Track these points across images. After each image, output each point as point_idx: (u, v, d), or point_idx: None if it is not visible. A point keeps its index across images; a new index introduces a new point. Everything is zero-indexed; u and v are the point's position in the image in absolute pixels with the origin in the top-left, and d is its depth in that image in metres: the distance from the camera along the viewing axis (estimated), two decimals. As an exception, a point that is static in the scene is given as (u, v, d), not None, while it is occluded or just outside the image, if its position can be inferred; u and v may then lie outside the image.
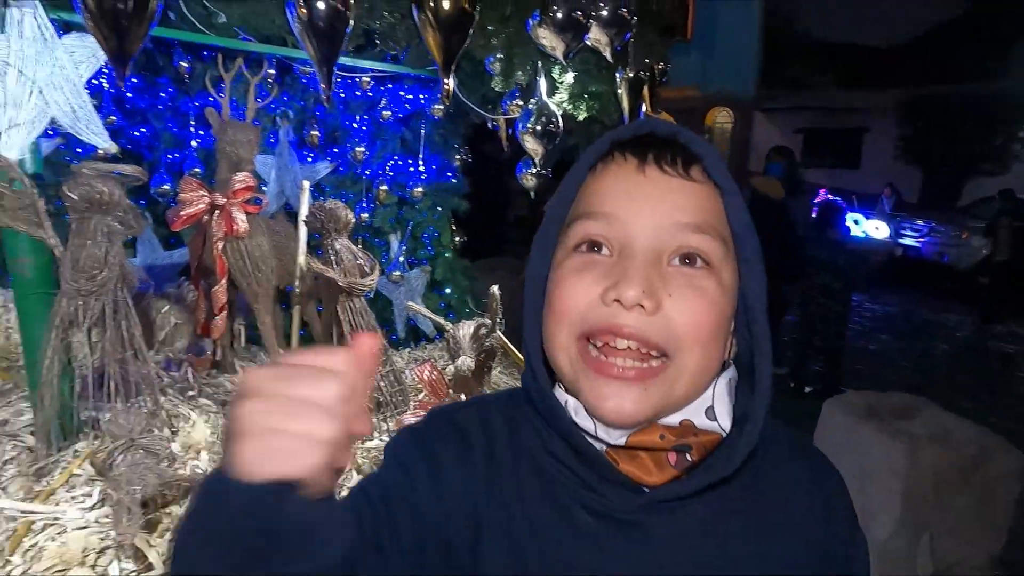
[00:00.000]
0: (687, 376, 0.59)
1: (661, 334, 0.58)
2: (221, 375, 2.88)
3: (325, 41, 1.00)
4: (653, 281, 0.58)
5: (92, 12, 0.80)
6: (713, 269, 0.60)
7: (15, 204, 2.00)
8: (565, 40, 1.30)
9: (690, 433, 0.61)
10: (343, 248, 2.26)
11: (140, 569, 1.43)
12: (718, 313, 0.60)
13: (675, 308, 0.58)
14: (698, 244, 0.59)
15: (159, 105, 3.56)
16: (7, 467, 2.07)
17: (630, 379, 0.58)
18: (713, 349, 0.60)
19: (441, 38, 1.08)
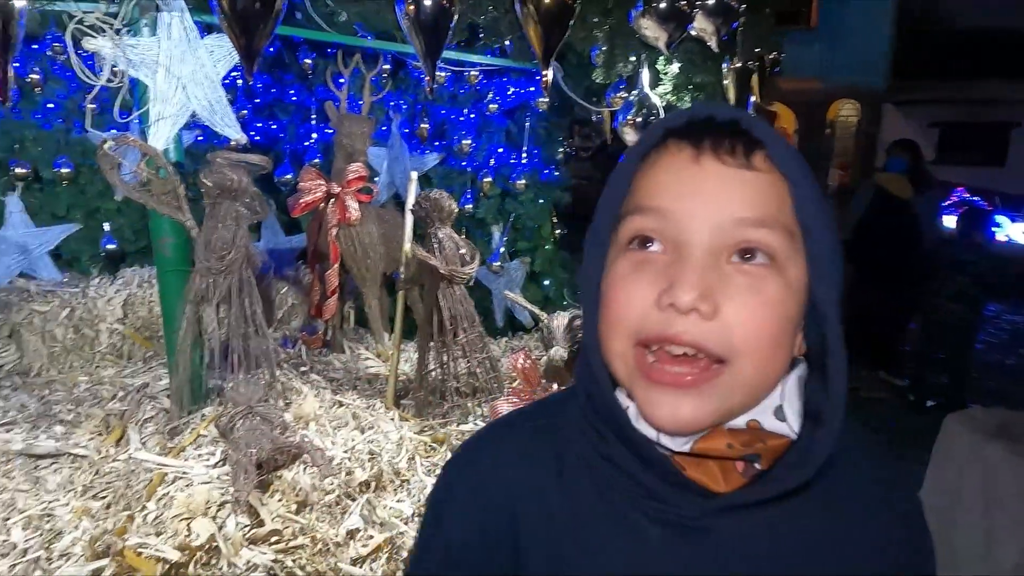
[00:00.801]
0: (748, 381, 0.56)
1: (719, 341, 0.54)
2: (331, 354, 3.07)
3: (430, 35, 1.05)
4: (710, 283, 0.54)
5: (226, 13, 0.89)
6: (777, 266, 0.54)
7: (160, 189, 2.23)
8: (668, 30, 1.28)
9: (758, 439, 0.57)
10: (446, 237, 2.34)
11: (253, 524, 1.57)
12: (781, 315, 0.55)
13: (734, 311, 0.53)
14: (760, 239, 0.54)
15: (285, 100, 3.82)
16: (147, 425, 2.31)
17: (686, 385, 0.55)
18: (777, 352, 0.56)
19: (542, 30, 1.10)
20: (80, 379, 2.78)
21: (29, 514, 1.76)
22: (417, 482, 1.91)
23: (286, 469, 1.73)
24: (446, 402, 2.43)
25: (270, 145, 3.80)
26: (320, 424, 2.14)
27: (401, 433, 2.13)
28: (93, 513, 1.75)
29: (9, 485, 1.89)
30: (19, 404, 2.47)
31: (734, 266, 0.54)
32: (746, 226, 0.54)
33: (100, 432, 2.26)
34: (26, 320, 2.84)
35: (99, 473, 1.96)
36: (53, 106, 3.34)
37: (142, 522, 1.57)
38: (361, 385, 2.67)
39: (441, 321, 2.37)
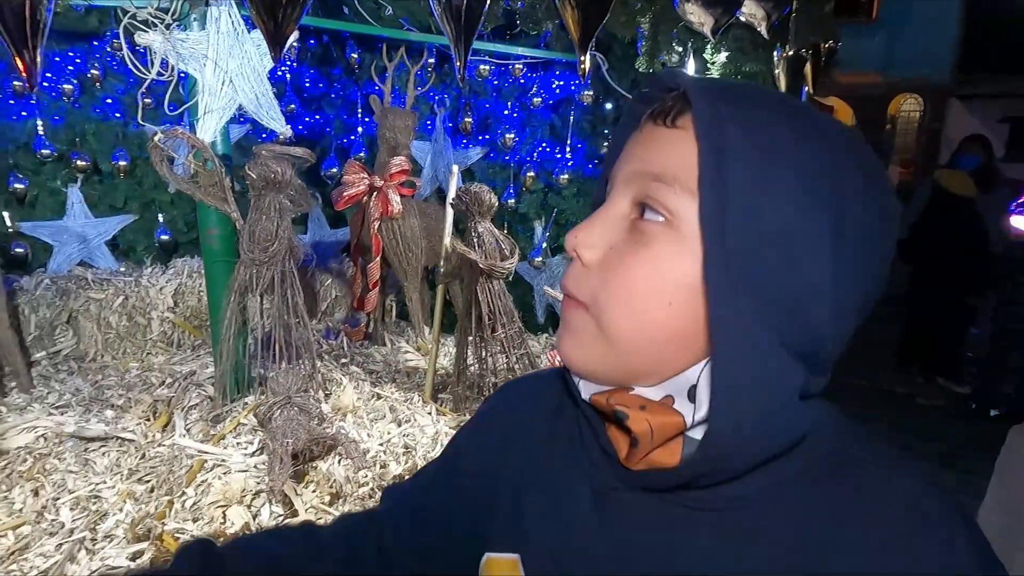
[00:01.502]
0: (620, 335, 0.52)
1: (584, 286, 0.53)
2: (372, 346, 3.10)
3: (462, 22, 1.02)
4: (599, 232, 0.53)
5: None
6: (673, 226, 0.50)
7: (207, 181, 2.27)
8: (715, 15, 1.22)
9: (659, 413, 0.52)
10: (485, 231, 2.31)
11: (287, 514, 1.58)
12: (661, 273, 0.50)
13: (610, 261, 0.52)
14: (653, 194, 0.51)
15: (332, 94, 3.87)
16: (192, 412, 2.37)
17: (565, 324, 0.56)
18: (655, 313, 0.50)
19: (579, 15, 1.06)
20: (131, 365, 2.87)
21: (78, 495, 1.82)
22: (451, 477, 1.90)
23: (321, 460, 1.74)
24: (484, 397, 2.41)
25: (316, 139, 3.85)
26: (358, 416, 2.15)
27: (437, 428, 2.12)
28: (137, 496, 1.79)
29: (60, 466, 1.95)
30: (74, 388, 2.57)
31: (638, 221, 0.53)
32: (646, 179, 0.52)
33: (148, 417, 2.32)
34: (83, 307, 2.94)
35: (144, 457, 2.01)
36: (111, 101, 3.45)
37: (180, 508, 1.60)
38: (400, 378, 2.67)
39: (480, 316, 2.35)
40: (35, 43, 0.90)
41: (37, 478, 1.90)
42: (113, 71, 3.41)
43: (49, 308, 2.88)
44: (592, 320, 0.53)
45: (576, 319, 0.54)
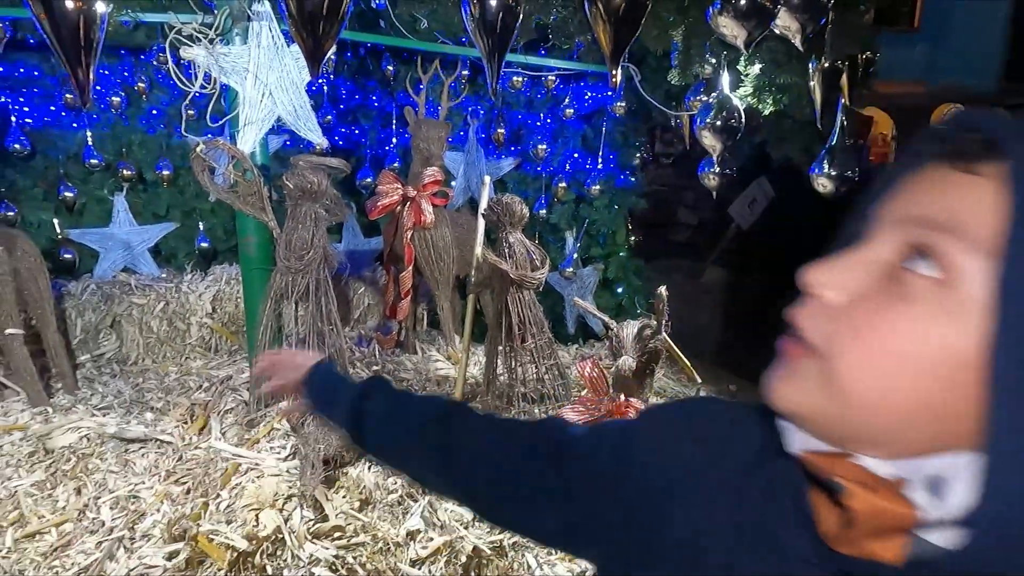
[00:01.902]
0: (848, 388, 0.46)
1: (818, 326, 0.47)
2: (404, 354, 3.13)
3: (495, 36, 1.04)
4: (852, 274, 0.47)
5: (293, 16, 0.91)
6: (950, 284, 0.43)
7: (246, 191, 2.33)
8: (748, 28, 1.21)
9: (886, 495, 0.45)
10: (516, 242, 2.33)
11: (317, 519, 1.60)
12: (929, 335, 0.43)
13: (862, 309, 0.46)
14: (936, 245, 0.44)
15: (368, 106, 3.93)
16: (227, 416, 2.42)
17: (784, 357, 0.49)
18: (903, 378, 0.44)
19: (611, 29, 1.06)
20: (171, 369, 2.95)
21: (117, 495, 1.88)
22: (479, 487, 1.91)
23: (352, 466, 1.76)
24: (513, 407, 2.42)
25: (352, 149, 3.91)
26: (388, 423, 2.17)
27: (466, 436, 2.13)
28: (174, 497, 1.84)
29: (102, 466, 2.02)
30: (116, 390, 2.65)
31: (900, 270, 0.46)
32: (925, 226, 0.45)
33: (185, 420, 2.38)
34: (126, 312, 3.04)
35: (181, 459, 2.07)
36: (156, 112, 3.57)
37: (215, 510, 1.64)
38: (430, 387, 2.69)
39: (510, 326, 2.36)
40: (88, 61, 0.94)
41: (80, 477, 1.96)
42: (158, 84, 3.52)
43: (94, 312, 2.98)
44: (819, 367, 0.47)
45: (800, 362, 0.48)
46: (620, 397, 1.90)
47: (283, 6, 0.95)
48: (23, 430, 2.25)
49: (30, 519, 1.78)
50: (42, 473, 1.97)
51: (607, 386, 1.95)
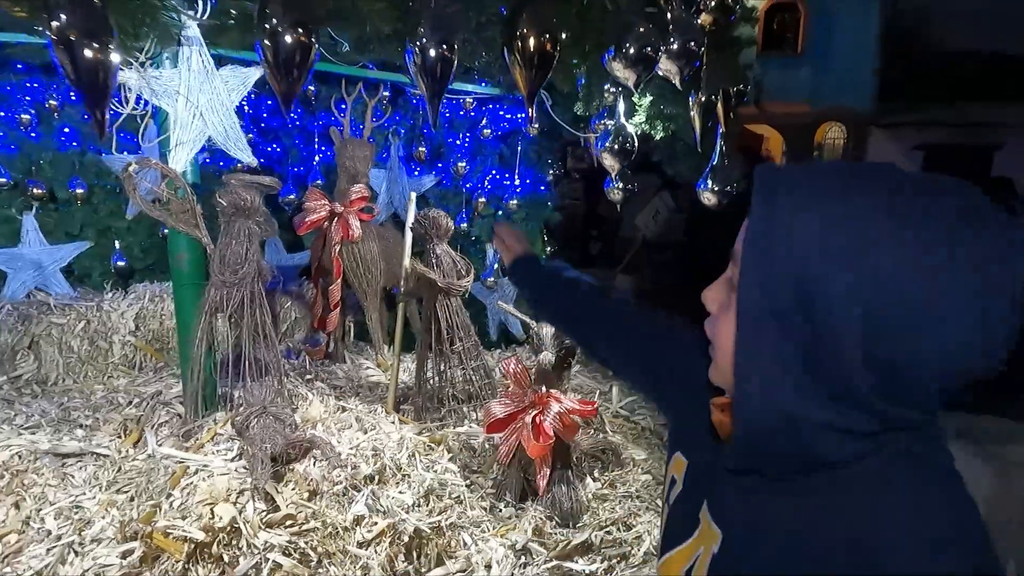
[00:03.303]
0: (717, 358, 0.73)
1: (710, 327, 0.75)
2: (333, 364, 3.24)
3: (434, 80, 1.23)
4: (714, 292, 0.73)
5: (269, 62, 1.05)
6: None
7: (178, 208, 2.40)
8: (636, 72, 1.46)
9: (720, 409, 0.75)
10: (443, 253, 2.52)
11: (269, 509, 1.73)
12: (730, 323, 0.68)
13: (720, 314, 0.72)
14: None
15: (289, 125, 4.02)
16: (162, 429, 2.47)
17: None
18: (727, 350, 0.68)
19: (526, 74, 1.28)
20: (96, 387, 2.93)
21: (59, 506, 1.92)
22: (417, 476, 2.08)
23: (298, 462, 1.89)
24: (443, 407, 2.60)
25: (274, 167, 3.98)
26: (326, 426, 2.30)
27: (402, 433, 2.30)
28: (118, 505, 1.90)
29: (39, 480, 2.04)
30: (40, 410, 2.62)
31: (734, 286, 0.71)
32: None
33: (119, 435, 2.41)
34: (44, 332, 3.00)
35: (121, 470, 2.12)
36: (69, 130, 3.52)
37: (169, 508, 1.73)
38: (363, 392, 2.83)
39: (439, 331, 2.54)
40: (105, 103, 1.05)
41: (18, 492, 1.98)
42: (71, 102, 3.49)
43: (11, 334, 2.93)
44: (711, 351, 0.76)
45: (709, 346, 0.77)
46: (542, 389, 2.12)
47: (260, 51, 1.10)
48: (-54, 452, 2.22)
49: (-30, 534, 1.79)
50: (-25, 491, 1.98)
51: (530, 380, 2.17)
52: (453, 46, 1.21)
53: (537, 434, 2.04)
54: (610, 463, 2.52)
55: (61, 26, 0.98)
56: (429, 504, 2.01)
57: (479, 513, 2.08)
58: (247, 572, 1.60)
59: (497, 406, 2.15)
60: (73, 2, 0.98)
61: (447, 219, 2.52)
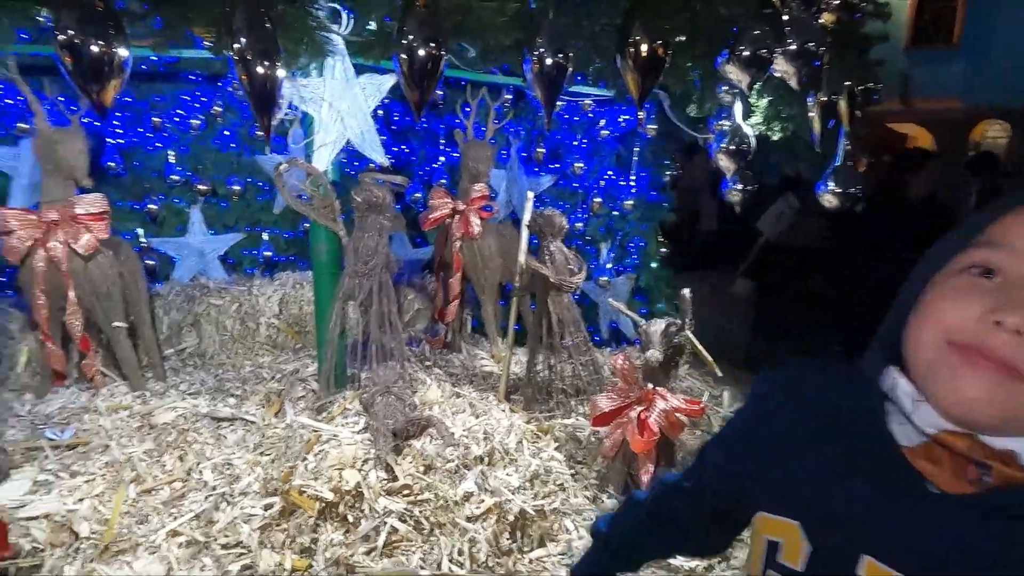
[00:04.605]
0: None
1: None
2: (450, 354, 3.42)
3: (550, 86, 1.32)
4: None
5: (404, 73, 1.19)
6: None
7: (320, 204, 2.66)
8: (750, 74, 1.46)
9: (1002, 461, 0.62)
10: (556, 250, 2.61)
11: (389, 478, 1.90)
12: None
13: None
14: None
15: (417, 127, 4.28)
16: (299, 402, 2.74)
17: (991, 388, 0.61)
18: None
19: (638, 77, 1.33)
20: (244, 363, 3.29)
21: (215, 462, 2.20)
22: (524, 461, 2.18)
23: (416, 439, 2.06)
24: (551, 399, 2.69)
25: (402, 167, 4.25)
26: (442, 409, 2.46)
27: (511, 421, 2.41)
28: (263, 464, 2.16)
29: (199, 439, 2.35)
30: (200, 379, 3.00)
31: None
32: None
33: (263, 405, 2.71)
34: (204, 312, 3.40)
35: (264, 436, 2.39)
36: (229, 133, 3.96)
37: (304, 470, 1.94)
38: (477, 380, 2.98)
39: (550, 326, 2.64)
40: (272, 112, 1.25)
41: (182, 447, 2.29)
42: (232, 108, 3.92)
43: (178, 312, 3.35)
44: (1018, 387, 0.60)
45: (1005, 386, 0.60)
46: (648, 386, 2.16)
47: (396, 64, 1.24)
48: (127, 409, 2.60)
49: (145, 478, 2.11)
50: (151, 443, 2.31)
51: (637, 377, 2.21)
52: (568, 55, 1.29)
53: (642, 429, 2.08)
54: (717, 466, 2.50)
55: (241, 47, 1.16)
56: (534, 488, 2.11)
57: (582, 501, 2.15)
58: (368, 533, 1.78)
59: (604, 400, 2.21)
60: (251, 26, 1.16)
61: (561, 217, 2.61)
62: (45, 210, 2.61)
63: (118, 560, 1.76)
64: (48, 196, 2.65)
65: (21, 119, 3.20)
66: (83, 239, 2.63)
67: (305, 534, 1.79)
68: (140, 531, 1.87)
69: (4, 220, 2.56)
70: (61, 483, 2.06)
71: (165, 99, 3.69)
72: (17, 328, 2.97)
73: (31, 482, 2.05)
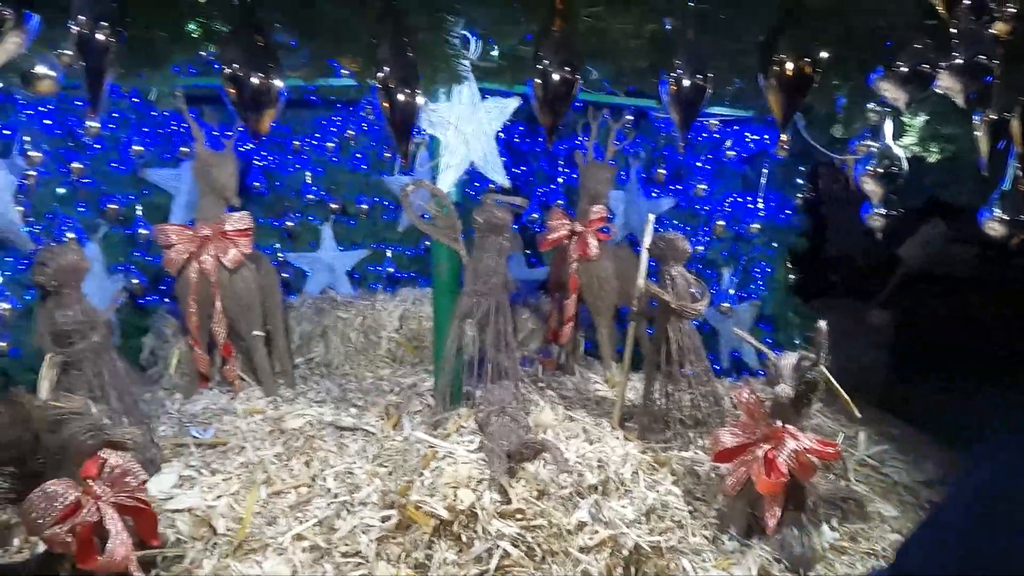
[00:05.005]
0: None
1: None
2: (563, 375, 3.40)
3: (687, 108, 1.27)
4: None
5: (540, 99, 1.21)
6: None
7: (444, 224, 2.74)
8: (908, 91, 1.34)
9: None
10: (678, 275, 2.52)
11: (503, 501, 1.89)
12: None
13: None
14: None
15: (536, 148, 4.32)
16: (415, 416, 2.81)
17: None
18: None
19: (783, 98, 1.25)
20: (366, 374, 3.43)
21: (337, 469, 2.30)
22: (639, 493, 2.10)
23: (529, 462, 2.04)
24: (668, 429, 2.59)
25: (521, 188, 4.30)
26: (555, 432, 2.43)
27: (626, 450, 2.34)
28: (381, 476, 2.22)
29: (323, 446, 2.46)
30: (326, 388, 3.15)
31: None
32: None
33: (382, 417, 2.80)
34: (332, 323, 3.58)
35: (383, 447, 2.47)
36: (360, 156, 4.18)
37: (420, 485, 1.97)
38: (590, 405, 2.93)
39: (669, 353, 2.55)
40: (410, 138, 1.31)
41: (308, 453, 2.41)
42: (363, 132, 4.13)
43: (309, 323, 3.55)
44: None
45: None
46: (777, 423, 2.02)
47: (531, 88, 1.26)
48: (261, 413, 2.78)
49: (275, 480, 2.23)
50: (280, 447, 2.45)
51: (764, 412, 2.08)
52: (707, 76, 1.24)
53: (769, 469, 1.95)
54: (852, 514, 2.30)
55: (385, 77, 1.22)
56: (650, 523, 2.03)
57: (700, 541, 2.04)
58: (480, 554, 1.77)
59: (727, 435, 2.09)
60: (396, 56, 1.21)
61: (684, 241, 2.53)
62: (200, 226, 2.86)
63: (249, 559, 1.86)
64: (203, 214, 2.90)
65: (183, 143, 3.54)
66: (230, 253, 2.85)
67: (420, 549, 1.82)
68: (269, 532, 1.97)
69: (167, 235, 2.83)
70: (202, 479, 2.22)
71: (304, 124, 3.95)
72: (171, 332, 3.27)
73: (177, 476, 2.22)
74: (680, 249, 2.52)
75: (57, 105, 2.95)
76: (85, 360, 2.03)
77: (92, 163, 3.23)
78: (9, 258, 2.72)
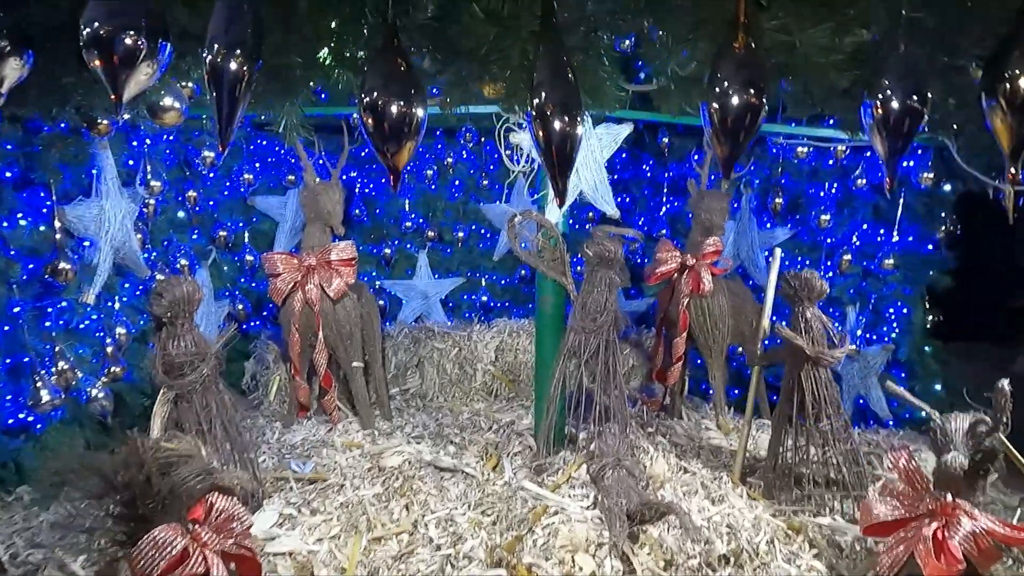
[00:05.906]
0: None
1: None
2: (671, 418, 3.16)
3: (898, 135, 1.08)
4: None
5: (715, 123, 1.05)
6: None
7: (550, 256, 2.60)
8: None
9: None
10: (813, 317, 2.27)
11: (626, 570, 1.70)
12: None
13: None
14: None
15: (640, 176, 4.15)
16: (515, 458, 2.66)
17: None
18: None
19: (1014, 122, 1.03)
20: (462, 408, 3.31)
21: (439, 515, 2.16)
22: (777, 568, 1.86)
23: (651, 524, 1.84)
24: (800, 489, 2.32)
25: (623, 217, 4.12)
26: (672, 487, 2.22)
27: (756, 512, 2.10)
28: (485, 526, 2.07)
29: (423, 488, 2.34)
30: (422, 422, 3.05)
31: None
32: None
33: (481, 456, 2.66)
34: (427, 354, 3.50)
35: (484, 493, 2.32)
36: (458, 183, 4.13)
37: (532, 545, 1.81)
38: (704, 454, 2.69)
39: (802, 403, 2.29)
40: (568, 171, 1.19)
41: (408, 495, 2.29)
42: (461, 160, 4.09)
43: (405, 353, 3.49)
44: None
45: None
46: (947, 497, 1.73)
47: (705, 114, 1.10)
48: (359, 447, 2.70)
49: (375, 524, 2.12)
50: (379, 487, 2.35)
51: (926, 482, 1.80)
52: (924, 96, 1.05)
53: (939, 552, 1.66)
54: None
55: (540, 103, 1.10)
56: (791, 604, 1.78)
57: (850, 628, 1.77)
58: (601, 630, 1.59)
59: (881, 506, 1.82)
60: (554, 82, 1.09)
61: (821, 281, 2.27)
62: (306, 255, 2.85)
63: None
64: (308, 242, 2.89)
65: (290, 172, 3.59)
66: (334, 283, 2.82)
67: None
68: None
69: (274, 264, 2.83)
70: (303, 519, 2.14)
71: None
72: (272, 359, 3.28)
73: (277, 515, 2.15)
74: (817, 289, 2.27)
75: (176, 135, 3.04)
76: (194, 392, 2.00)
77: (205, 191, 3.31)
78: (127, 284, 2.78)
